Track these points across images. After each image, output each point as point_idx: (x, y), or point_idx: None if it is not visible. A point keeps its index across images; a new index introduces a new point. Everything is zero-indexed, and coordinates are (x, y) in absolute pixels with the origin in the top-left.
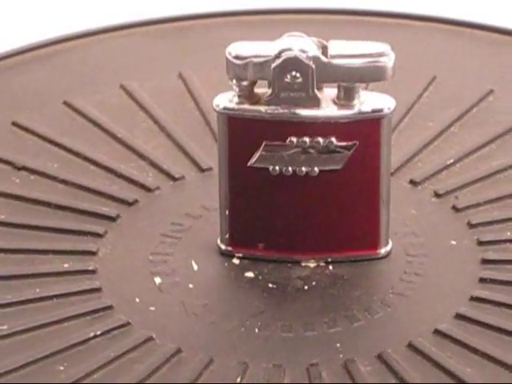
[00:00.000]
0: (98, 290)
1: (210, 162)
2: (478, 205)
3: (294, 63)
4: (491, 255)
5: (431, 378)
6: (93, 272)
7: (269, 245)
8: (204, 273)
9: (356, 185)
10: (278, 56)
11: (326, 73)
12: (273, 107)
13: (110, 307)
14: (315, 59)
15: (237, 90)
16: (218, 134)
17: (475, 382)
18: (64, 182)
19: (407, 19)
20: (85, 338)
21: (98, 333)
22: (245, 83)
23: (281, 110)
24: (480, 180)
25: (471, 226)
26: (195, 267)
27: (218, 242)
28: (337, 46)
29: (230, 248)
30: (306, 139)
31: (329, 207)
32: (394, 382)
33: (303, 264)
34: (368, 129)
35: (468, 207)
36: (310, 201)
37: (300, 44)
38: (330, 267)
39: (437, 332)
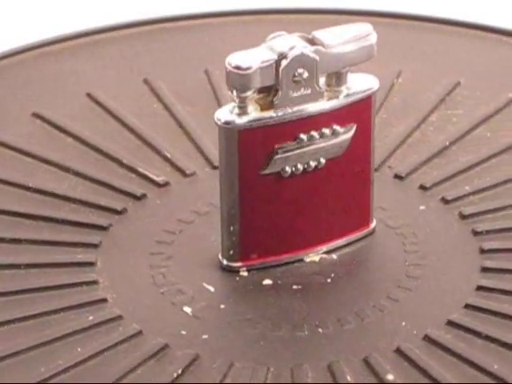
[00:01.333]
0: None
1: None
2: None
3: (300, 60)
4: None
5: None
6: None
7: (273, 249)
8: (218, 287)
9: (354, 168)
10: (283, 57)
11: (326, 63)
12: (283, 109)
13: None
14: (317, 52)
15: (237, 100)
16: (224, 149)
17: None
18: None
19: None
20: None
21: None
22: (249, 93)
23: (290, 110)
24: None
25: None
26: (211, 289)
27: (221, 258)
28: (325, 36)
29: (239, 263)
30: (314, 133)
31: (329, 196)
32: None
33: (307, 260)
34: (362, 109)
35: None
36: (315, 194)
37: (293, 41)
38: (334, 256)
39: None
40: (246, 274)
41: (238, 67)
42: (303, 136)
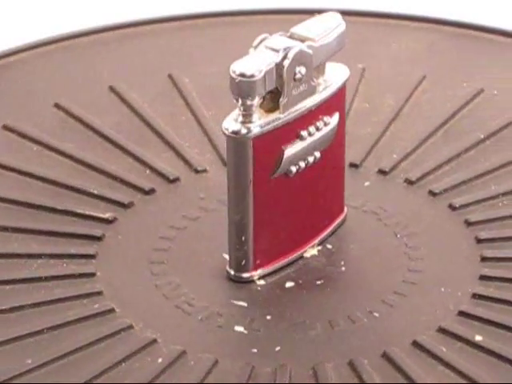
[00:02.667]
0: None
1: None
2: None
3: (299, 58)
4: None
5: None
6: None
7: (280, 251)
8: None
9: (336, 156)
10: (284, 57)
11: (315, 57)
12: (287, 109)
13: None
14: (310, 47)
15: (242, 108)
16: (235, 159)
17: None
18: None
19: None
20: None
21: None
22: (256, 99)
23: (293, 109)
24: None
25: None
26: (243, 304)
27: (229, 269)
28: (305, 31)
29: (252, 273)
30: (311, 128)
31: (322, 189)
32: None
33: (308, 255)
34: (340, 97)
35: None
36: (312, 189)
37: (285, 40)
38: (329, 246)
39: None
40: (263, 282)
41: (243, 75)
42: (303, 132)
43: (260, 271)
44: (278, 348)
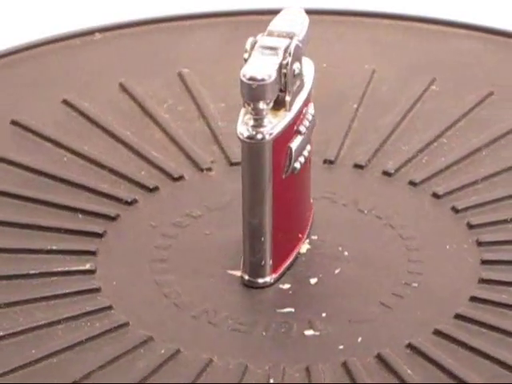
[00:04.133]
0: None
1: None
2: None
3: (296, 54)
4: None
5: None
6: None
7: (289, 250)
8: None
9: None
10: (285, 55)
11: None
12: (291, 106)
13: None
14: (300, 42)
15: (253, 112)
16: (251, 163)
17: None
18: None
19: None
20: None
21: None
22: (268, 102)
23: (295, 106)
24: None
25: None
26: (291, 310)
27: (243, 274)
28: (286, 27)
29: (271, 276)
30: (305, 121)
31: (308, 182)
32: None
33: (303, 251)
34: (310, 89)
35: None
36: (306, 183)
37: (278, 39)
38: (313, 237)
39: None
40: (288, 286)
41: (253, 78)
42: (301, 127)
43: (274, 275)
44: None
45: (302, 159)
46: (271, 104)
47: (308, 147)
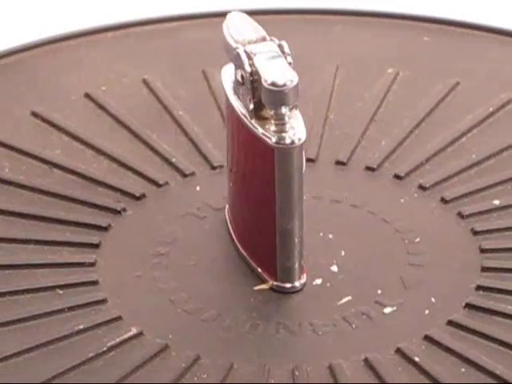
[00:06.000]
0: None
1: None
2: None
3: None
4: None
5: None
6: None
7: None
8: None
9: None
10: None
11: None
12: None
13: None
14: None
15: (275, 117)
16: (287, 168)
17: None
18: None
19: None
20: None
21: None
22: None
23: None
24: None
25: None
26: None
27: (274, 280)
28: (254, 33)
29: (303, 280)
30: None
31: None
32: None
33: None
34: None
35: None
36: None
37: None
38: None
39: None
40: (320, 281)
41: (278, 84)
42: None
43: (303, 279)
44: None
45: None
46: (293, 109)
47: None
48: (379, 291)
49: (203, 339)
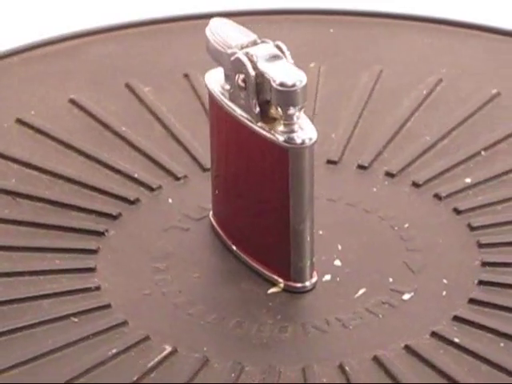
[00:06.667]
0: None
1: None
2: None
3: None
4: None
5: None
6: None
7: None
8: None
9: None
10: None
11: None
12: None
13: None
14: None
15: (284, 118)
16: (300, 168)
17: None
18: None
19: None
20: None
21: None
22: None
23: None
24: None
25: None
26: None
27: (286, 281)
28: (244, 36)
29: (308, 282)
30: None
31: None
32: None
33: None
34: None
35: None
36: None
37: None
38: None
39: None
40: (329, 277)
41: (288, 85)
42: None
43: (314, 277)
44: None
45: None
46: (302, 109)
47: None
48: (390, 279)
49: (241, 348)
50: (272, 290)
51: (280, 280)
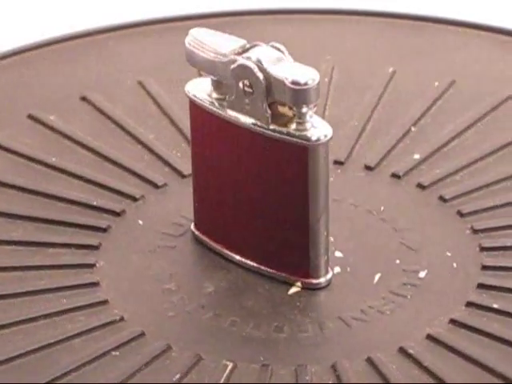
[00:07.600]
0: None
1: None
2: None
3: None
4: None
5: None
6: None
7: None
8: None
9: None
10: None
11: None
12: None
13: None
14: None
15: (298, 116)
16: (316, 166)
17: None
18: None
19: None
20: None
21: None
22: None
23: None
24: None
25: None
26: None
27: (308, 280)
28: (235, 42)
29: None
30: None
31: None
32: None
33: None
34: None
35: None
36: None
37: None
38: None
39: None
40: (338, 269)
41: (305, 83)
42: None
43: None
44: None
45: None
46: (315, 107)
47: None
48: (397, 261)
49: (269, 349)
50: (292, 290)
51: (297, 279)
